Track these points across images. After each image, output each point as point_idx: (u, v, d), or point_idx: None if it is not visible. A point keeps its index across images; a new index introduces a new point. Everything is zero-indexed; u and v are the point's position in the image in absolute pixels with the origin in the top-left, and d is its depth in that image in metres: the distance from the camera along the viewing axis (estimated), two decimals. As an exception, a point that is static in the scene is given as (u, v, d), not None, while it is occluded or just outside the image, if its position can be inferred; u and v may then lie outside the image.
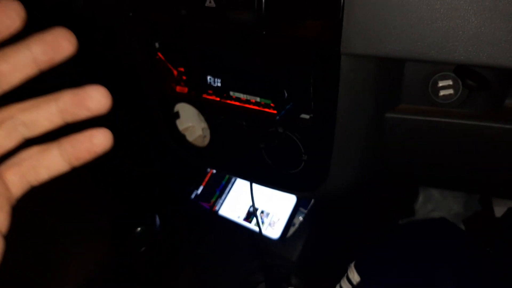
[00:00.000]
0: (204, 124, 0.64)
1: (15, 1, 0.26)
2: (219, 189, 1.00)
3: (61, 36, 0.27)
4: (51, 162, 0.30)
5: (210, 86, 0.57)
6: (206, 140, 0.65)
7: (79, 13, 0.63)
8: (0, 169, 0.29)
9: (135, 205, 0.90)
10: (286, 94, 0.51)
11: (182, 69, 0.58)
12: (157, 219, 0.88)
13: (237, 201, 0.97)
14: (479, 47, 0.39)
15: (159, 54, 0.59)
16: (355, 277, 0.62)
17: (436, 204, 1.12)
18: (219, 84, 0.56)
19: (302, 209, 0.92)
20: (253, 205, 0.53)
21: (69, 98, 0.28)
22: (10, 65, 0.26)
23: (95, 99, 0.28)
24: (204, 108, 0.61)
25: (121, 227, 0.83)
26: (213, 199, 0.99)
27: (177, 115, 0.65)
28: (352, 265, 0.64)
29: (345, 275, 0.65)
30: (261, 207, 0.93)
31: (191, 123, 0.67)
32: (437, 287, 0.57)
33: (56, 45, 0.27)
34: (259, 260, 0.85)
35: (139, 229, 0.83)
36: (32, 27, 0.27)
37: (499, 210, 1.10)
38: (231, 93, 0.55)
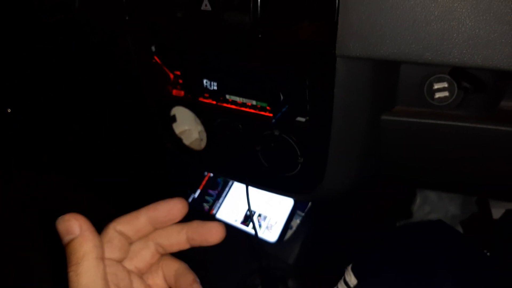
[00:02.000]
0: (200, 128, 0.64)
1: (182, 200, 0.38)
2: (216, 192, 1.00)
3: (178, 210, 0.38)
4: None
5: (206, 89, 0.57)
6: (203, 144, 0.65)
7: (76, 17, 0.63)
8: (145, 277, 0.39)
9: (132, 210, 0.89)
10: (282, 97, 0.51)
11: (178, 73, 0.58)
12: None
13: (235, 204, 0.97)
14: (473, 49, 0.39)
15: (155, 57, 0.59)
16: (352, 280, 0.62)
17: (433, 206, 1.12)
18: (215, 88, 0.56)
19: (299, 212, 0.91)
20: (249, 208, 0.53)
21: (196, 228, 0.38)
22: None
23: (214, 234, 0.39)
24: (200, 112, 0.61)
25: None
26: (210, 203, 0.99)
27: (173, 119, 0.65)
28: (349, 267, 0.64)
29: (342, 278, 0.64)
30: (259, 210, 0.92)
31: (188, 127, 0.67)
32: None
33: (172, 218, 0.38)
34: (256, 263, 0.85)
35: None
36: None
37: (496, 212, 1.11)
38: (227, 96, 0.55)
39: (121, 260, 0.37)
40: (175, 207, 0.38)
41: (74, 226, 0.33)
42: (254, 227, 0.59)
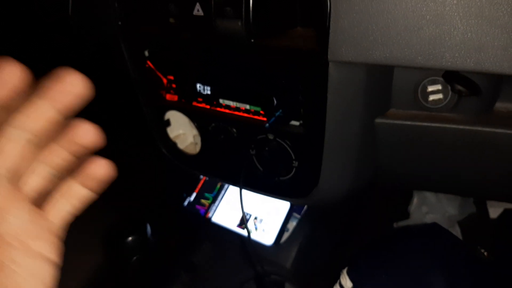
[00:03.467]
0: (195, 132, 0.64)
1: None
2: (212, 196, 1.00)
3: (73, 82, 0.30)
4: (78, 192, 0.34)
5: (199, 94, 0.56)
6: (198, 148, 0.65)
7: (68, 22, 0.62)
8: (39, 205, 0.33)
9: (127, 214, 0.89)
10: (275, 101, 0.50)
11: (171, 77, 0.58)
12: (149, 228, 0.87)
13: (231, 208, 0.97)
14: (466, 53, 0.39)
15: (149, 62, 0.58)
16: (347, 284, 0.62)
17: (430, 206, 1.12)
18: (208, 92, 0.56)
19: (296, 215, 0.91)
20: (242, 211, 0.53)
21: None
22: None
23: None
24: (194, 116, 0.61)
25: (113, 237, 0.83)
26: (208, 203, 0.99)
27: (167, 123, 0.65)
28: (345, 271, 0.64)
29: (338, 281, 0.64)
30: (254, 213, 0.92)
31: (182, 131, 0.66)
32: None
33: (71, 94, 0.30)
34: (253, 267, 0.85)
35: (130, 238, 0.82)
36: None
37: (494, 212, 1.10)
38: (221, 100, 0.55)
39: None
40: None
41: None
42: (246, 229, 0.59)
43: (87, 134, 0.32)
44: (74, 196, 0.34)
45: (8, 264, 0.30)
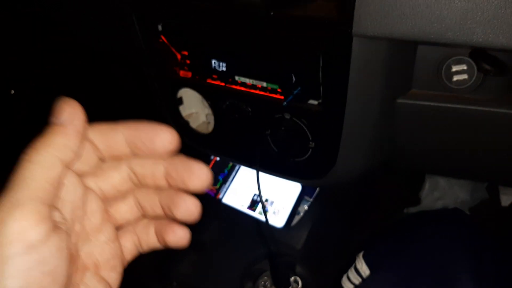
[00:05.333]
0: (208, 110, 0.62)
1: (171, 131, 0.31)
2: (222, 176, 0.99)
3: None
4: (151, 236, 0.35)
5: (214, 70, 0.55)
6: (210, 127, 0.63)
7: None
8: (119, 235, 0.34)
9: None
10: (294, 79, 0.49)
11: (185, 53, 0.57)
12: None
13: (241, 189, 0.96)
14: (498, 29, 0.37)
15: (162, 37, 0.57)
16: (363, 268, 0.61)
17: (442, 192, 1.10)
18: (224, 69, 0.54)
19: (307, 198, 0.90)
20: (259, 194, 0.52)
21: (176, 164, 0.32)
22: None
23: (194, 177, 0.31)
24: (208, 94, 0.59)
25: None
26: (217, 186, 0.98)
27: (180, 101, 0.63)
28: (361, 255, 0.63)
29: (353, 265, 0.63)
30: (266, 195, 0.91)
31: (195, 109, 0.65)
32: (454, 281, 0.56)
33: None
34: (264, 249, 0.84)
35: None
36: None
37: (506, 200, 1.09)
38: (237, 77, 0.54)
39: (82, 173, 0.31)
40: (159, 136, 0.31)
41: (63, 112, 0.28)
42: (264, 213, 0.58)
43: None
44: (148, 238, 0.35)
45: (80, 286, 0.31)
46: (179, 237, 0.33)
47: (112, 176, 0.32)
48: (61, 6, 0.69)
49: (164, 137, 0.30)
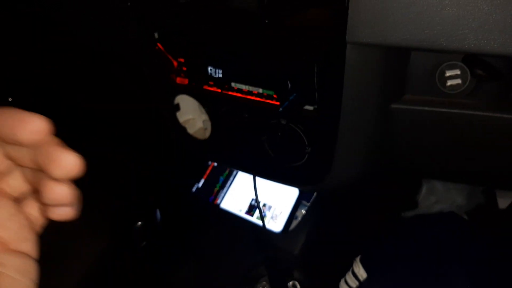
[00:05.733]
0: (205, 116, 0.63)
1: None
2: (220, 182, 0.99)
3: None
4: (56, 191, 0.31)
5: (211, 77, 0.55)
6: (207, 133, 0.64)
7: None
8: (22, 206, 0.33)
9: (136, 199, 0.89)
10: (289, 85, 0.49)
11: (182, 60, 0.57)
12: (158, 214, 0.87)
13: (239, 194, 0.96)
14: (490, 35, 0.37)
15: (159, 44, 0.57)
16: (361, 272, 0.61)
17: (439, 196, 1.11)
18: (220, 75, 0.54)
19: (304, 202, 0.91)
20: (256, 199, 0.52)
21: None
22: None
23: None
24: (205, 100, 0.60)
25: (122, 222, 0.83)
26: (214, 192, 0.98)
27: (177, 107, 0.64)
28: (358, 259, 0.63)
29: (350, 269, 0.63)
30: (263, 200, 0.92)
31: (192, 116, 0.65)
32: (451, 285, 0.56)
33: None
34: (262, 254, 0.84)
35: (139, 223, 0.82)
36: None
37: (503, 202, 1.09)
38: (233, 84, 0.54)
39: None
40: (24, 126, 0.28)
41: None
42: (261, 218, 0.58)
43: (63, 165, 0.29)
44: (52, 195, 0.32)
45: None
46: (57, 193, 0.30)
47: None
48: (61, 6, 0.70)
49: (30, 128, 0.28)
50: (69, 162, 0.28)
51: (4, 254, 0.31)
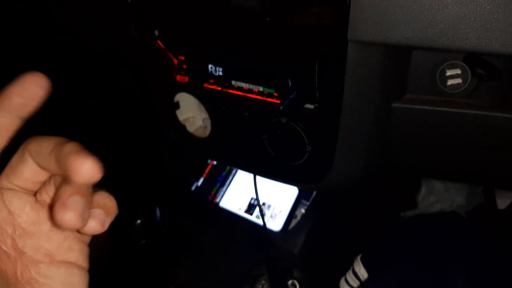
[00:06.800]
0: (204, 115, 0.63)
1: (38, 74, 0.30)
2: (219, 181, 0.99)
3: (35, 85, 0.30)
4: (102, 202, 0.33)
5: (211, 75, 0.55)
6: (207, 131, 0.64)
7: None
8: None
9: (135, 197, 0.89)
10: (290, 83, 0.49)
11: (182, 58, 0.57)
12: (158, 211, 0.87)
13: (239, 193, 0.96)
14: (491, 34, 0.37)
15: (159, 42, 0.57)
16: (361, 271, 0.61)
17: (439, 196, 1.11)
18: (220, 73, 0.54)
19: (304, 201, 0.90)
20: (256, 197, 0.52)
21: (61, 155, 0.29)
22: None
23: (74, 170, 0.28)
24: (205, 98, 0.60)
25: (121, 220, 0.82)
26: (214, 191, 0.98)
27: (177, 105, 0.64)
28: (359, 258, 0.63)
29: (351, 268, 0.63)
30: (263, 199, 0.92)
31: (192, 114, 0.65)
32: (451, 284, 0.56)
33: (33, 96, 0.30)
34: (261, 253, 0.84)
35: (139, 221, 0.82)
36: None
37: (502, 203, 1.09)
38: (233, 82, 0.54)
39: None
40: (27, 84, 0.30)
41: None
42: (262, 217, 0.58)
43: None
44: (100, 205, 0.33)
45: (38, 279, 0.31)
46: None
47: (22, 171, 0.32)
48: (61, 6, 0.70)
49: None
50: (88, 168, 0.28)
51: (49, 266, 0.31)
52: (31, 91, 0.30)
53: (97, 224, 0.30)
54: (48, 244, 0.32)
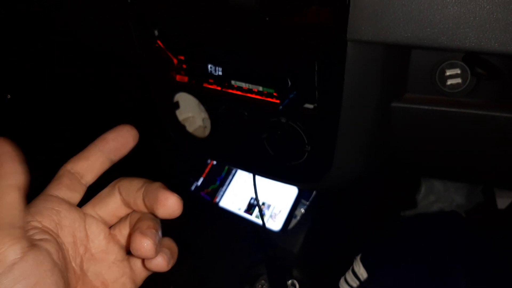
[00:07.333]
0: (204, 115, 0.62)
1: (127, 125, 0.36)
2: (219, 180, 0.99)
3: (128, 135, 0.36)
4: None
5: (211, 75, 0.55)
6: (207, 131, 0.64)
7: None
8: (129, 257, 0.36)
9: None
10: (289, 83, 0.49)
11: (182, 57, 0.57)
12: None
13: (238, 192, 0.96)
14: (491, 33, 0.37)
15: (159, 42, 0.57)
16: (361, 271, 0.61)
17: (438, 195, 1.11)
18: (220, 73, 0.54)
19: (303, 201, 0.91)
20: (256, 197, 0.52)
21: (150, 192, 0.33)
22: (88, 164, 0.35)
23: (162, 206, 0.33)
24: (204, 98, 0.60)
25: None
26: (213, 188, 0.98)
27: (176, 105, 0.64)
28: (358, 258, 0.63)
29: (351, 268, 0.63)
30: (262, 198, 0.92)
31: (191, 114, 0.65)
32: (451, 284, 0.56)
33: (125, 143, 0.36)
34: (261, 253, 0.84)
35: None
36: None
37: (502, 202, 1.10)
38: (233, 82, 0.54)
39: (72, 200, 0.34)
40: (122, 132, 0.36)
41: None
42: (261, 217, 0.58)
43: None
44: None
45: None
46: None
47: (108, 203, 0.36)
48: (61, 6, 0.70)
49: (125, 132, 0.36)
50: (173, 204, 0.32)
51: None
52: (124, 139, 0.35)
53: (164, 260, 0.34)
54: (107, 274, 0.35)
